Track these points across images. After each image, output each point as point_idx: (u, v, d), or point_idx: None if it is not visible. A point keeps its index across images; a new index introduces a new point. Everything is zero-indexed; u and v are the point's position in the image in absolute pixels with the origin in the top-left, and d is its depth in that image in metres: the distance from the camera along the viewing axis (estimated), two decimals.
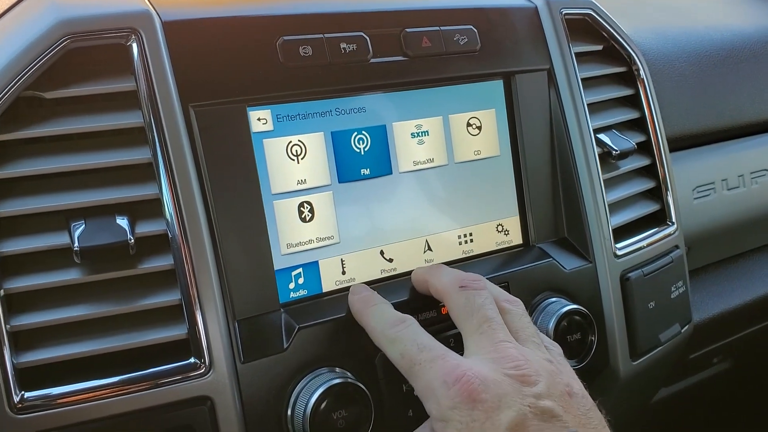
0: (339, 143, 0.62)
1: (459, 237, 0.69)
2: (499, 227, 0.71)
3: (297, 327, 0.57)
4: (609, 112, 0.78)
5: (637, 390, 0.85)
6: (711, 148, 0.96)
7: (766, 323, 1.09)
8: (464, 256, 0.69)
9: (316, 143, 0.61)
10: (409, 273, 0.65)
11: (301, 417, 0.54)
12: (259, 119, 0.58)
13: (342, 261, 0.63)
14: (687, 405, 1.12)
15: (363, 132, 0.63)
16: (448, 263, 0.67)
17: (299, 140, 0.60)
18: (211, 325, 0.53)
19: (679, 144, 0.92)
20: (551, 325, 0.65)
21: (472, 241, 0.69)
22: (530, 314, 0.67)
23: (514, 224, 0.72)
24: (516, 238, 0.72)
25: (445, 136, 0.68)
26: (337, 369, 0.57)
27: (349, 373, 0.57)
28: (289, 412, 0.55)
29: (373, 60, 0.62)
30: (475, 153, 0.69)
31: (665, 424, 1.11)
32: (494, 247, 0.71)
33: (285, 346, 0.56)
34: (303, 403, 0.54)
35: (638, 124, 0.81)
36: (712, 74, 0.97)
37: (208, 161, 0.55)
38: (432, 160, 0.67)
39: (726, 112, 0.97)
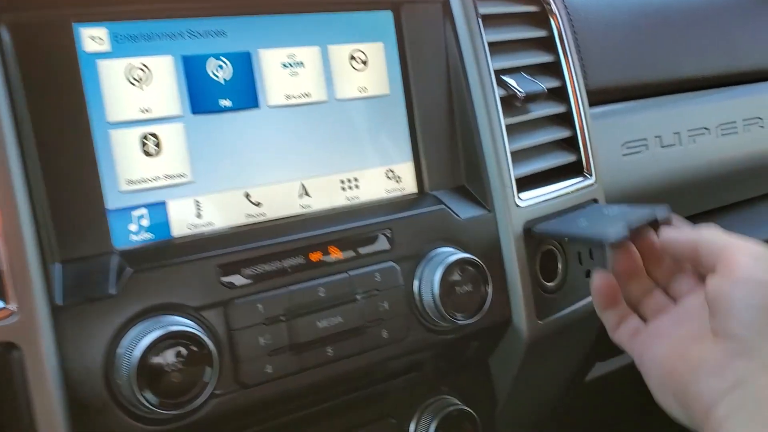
0: (192, 69, 0.55)
1: (342, 182, 0.62)
2: (390, 173, 0.65)
3: (131, 271, 0.50)
4: (517, 53, 0.72)
5: (557, 359, 0.79)
6: (644, 102, 0.90)
7: None
8: (348, 203, 0.63)
9: (162, 67, 0.54)
10: (280, 219, 0.59)
11: (127, 369, 0.48)
12: (92, 38, 0.52)
13: (197, 202, 0.56)
14: (627, 383, 1.05)
15: (222, 58, 0.57)
16: (330, 210, 0.61)
17: (142, 63, 0.53)
18: (18, 263, 0.46)
19: (606, 96, 0.86)
20: (437, 275, 0.59)
21: (357, 187, 0.63)
22: (416, 265, 0.61)
23: (407, 170, 0.66)
24: (409, 185, 0.66)
25: (324, 69, 0.61)
26: (177, 317, 0.51)
27: (190, 322, 0.51)
28: (115, 363, 0.49)
29: None
30: (360, 90, 0.63)
31: (603, 405, 1.04)
32: (384, 195, 0.64)
33: (114, 291, 0.49)
34: (130, 352, 0.48)
35: (553, 69, 0.75)
36: (645, 24, 0.90)
37: (25, 82, 0.49)
38: (308, 95, 0.61)
39: (660, 65, 0.91)
